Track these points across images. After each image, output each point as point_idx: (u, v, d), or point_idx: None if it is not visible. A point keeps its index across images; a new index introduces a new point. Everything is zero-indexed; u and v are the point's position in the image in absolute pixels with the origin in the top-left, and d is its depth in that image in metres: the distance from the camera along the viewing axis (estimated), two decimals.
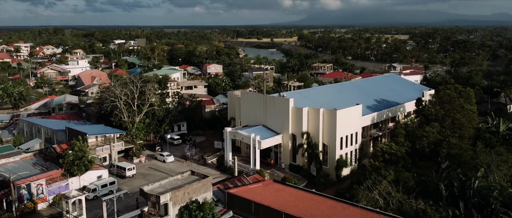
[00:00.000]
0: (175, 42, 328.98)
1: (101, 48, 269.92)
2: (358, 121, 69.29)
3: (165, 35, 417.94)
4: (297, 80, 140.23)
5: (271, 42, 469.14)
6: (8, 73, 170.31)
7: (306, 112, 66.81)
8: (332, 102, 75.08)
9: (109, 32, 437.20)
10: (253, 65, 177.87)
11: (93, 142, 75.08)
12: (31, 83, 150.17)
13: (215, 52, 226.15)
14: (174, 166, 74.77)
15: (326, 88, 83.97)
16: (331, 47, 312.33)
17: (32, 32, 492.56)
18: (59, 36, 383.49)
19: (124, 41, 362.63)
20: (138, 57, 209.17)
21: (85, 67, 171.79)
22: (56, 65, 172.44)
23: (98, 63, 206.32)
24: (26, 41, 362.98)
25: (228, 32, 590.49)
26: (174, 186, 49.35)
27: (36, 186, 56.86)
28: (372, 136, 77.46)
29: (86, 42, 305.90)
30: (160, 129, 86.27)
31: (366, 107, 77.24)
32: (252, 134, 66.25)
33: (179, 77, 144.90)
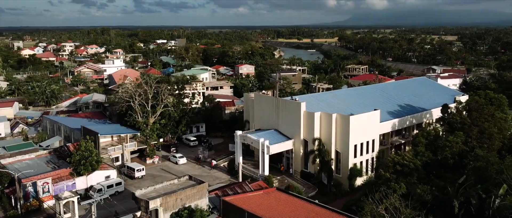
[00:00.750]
0: (213, 42, 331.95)
1: (141, 48, 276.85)
2: (375, 128, 65.05)
3: (205, 35, 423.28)
4: (326, 82, 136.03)
5: (311, 43, 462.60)
6: (49, 72, 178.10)
7: (318, 116, 63.55)
8: (350, 107, 71.26)
9: (152, 32, 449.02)
10: (284, 67, 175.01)
11: (109, 141, 75.77)
12: (68, 81, 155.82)
13: (250, 52, 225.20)
14: (186, 168, 73.82)
15: (346, 92, 79.96)
16: (371, 48, 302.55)
17: (82, 33, 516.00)
18: (105, 36, 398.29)
19: (165, 41, 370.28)
20: (173, 57, 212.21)
21: (120, 67, 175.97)
22: (93, 64, 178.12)
23: (135, 62, 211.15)
24: (75, 41, 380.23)
25: (269, 32, 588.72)
26: (168, 191, 48.10)
27: (42, 184, 57.54)
28: (393, 144, 72.68)
29: (128, 42, 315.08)
30: (177, 130, 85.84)
31: (387, 112, 72.66)
32: (261, 138, 63.88)
33: (208, 78, 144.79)
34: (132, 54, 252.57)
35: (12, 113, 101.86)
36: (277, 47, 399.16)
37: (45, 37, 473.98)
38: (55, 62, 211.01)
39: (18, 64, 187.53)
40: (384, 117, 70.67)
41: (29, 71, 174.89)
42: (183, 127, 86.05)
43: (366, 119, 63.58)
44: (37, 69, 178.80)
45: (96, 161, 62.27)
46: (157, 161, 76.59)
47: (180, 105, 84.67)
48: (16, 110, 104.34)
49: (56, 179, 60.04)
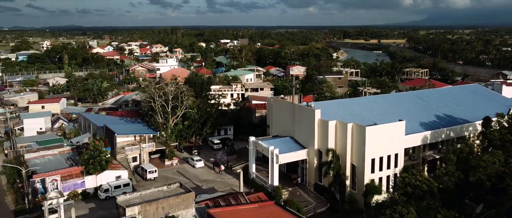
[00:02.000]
0: (274, 43, 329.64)
1: (202, 47, 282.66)
2: (399, 140, 58.07)
3: (268, 35, 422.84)
4: (375, 86, 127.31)
5: (378, 44, 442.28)
6: (109, 69, 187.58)
7: (333, 125, 58.17)
8: (376, 116, 64.77)
9: (217, 32, 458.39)
10: (335, 68, 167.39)
11: (131, 141, 76.27)
12: (122, 79, 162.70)
13: (306, 53, 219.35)
14: (201, 172, 72.15)
15: (376, 99, 72.86)
16: (441, 50, 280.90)
17: (154, 32, 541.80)
18: (172, 36, 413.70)
19: (229, 41, 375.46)
20: (227, 57, 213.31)
21: (173, 66, 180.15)
22: (147, 63, 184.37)
23: (192, 61, 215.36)
24: (144, 40, 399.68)
25: (335, 32, 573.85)
26: (154, 198, 46.30)
27: (51, 181, 58.84)
28: (426, 159, 64.73)
29: (190, 41, 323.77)
30: (201, 132, 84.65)
31: (419, 123, 64.95)
32: (271, 146, 60.01)
33: (252, 79, 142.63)
34: (191, 53, 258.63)
35: (58, 108, 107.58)
36: (340, 48, 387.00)
37: (122, 37, 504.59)
38: (118, 60, 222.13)
39: (82, 62, 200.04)
40: (414, 128, 63.29)
41: (91, 68, 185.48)
42: (208, 129, 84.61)
43: (387, 130, 56.95)
44: (99, 67, 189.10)
45: (105, 161, 62.62)
46: (175, 163, 75.79)
47: (205, 107, 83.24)
48: (62, 105, 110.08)
49: (66, 176, 61.26)
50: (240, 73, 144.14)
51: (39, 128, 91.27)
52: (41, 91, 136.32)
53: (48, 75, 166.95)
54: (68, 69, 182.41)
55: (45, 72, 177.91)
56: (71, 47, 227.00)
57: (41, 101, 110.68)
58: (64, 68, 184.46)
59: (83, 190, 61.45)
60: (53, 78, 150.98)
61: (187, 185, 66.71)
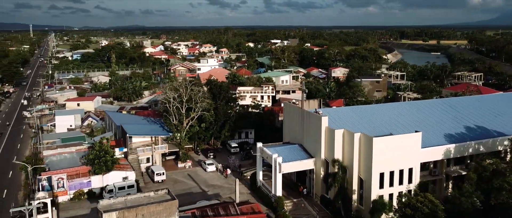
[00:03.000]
0: (324, 43, 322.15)
1: (249, 47, 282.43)
2: (414, 154, 52.45)
3: (320, 35, 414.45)
4: (415, 91, 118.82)
5: (437, 45, 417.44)
6: (153, 69, 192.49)
7: (340, 134, 53.81)
8: (395, 125, 59.35)
9: (268, 32, 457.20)
10: (379, 71, 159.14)
11: (148, 141, 76.27)
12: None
13: (353, 54, 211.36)
14: (211, 177, 70.47)
15: (400, 106, 66.63)
16: (506, 52, 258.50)
17: (208, 32, 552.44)
18: (223, 36, 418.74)
19: (279, 41, 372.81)
20: (269, 57, 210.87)
21: (214, 66, 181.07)
22: (188, 63, 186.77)
23: (237, 62, 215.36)
24: (197, 40, 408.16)
25: (392, 33, 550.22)
26: (137, 204, 45.03)
27: (57, 179, 59.96)
28: (450, 175, 58.15)
29: (239, 41, 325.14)
30: (220, 135, 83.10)
31: (444, 135, 58.48)
32: (275, 153, 56.79)
33: (288, 80, 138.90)
34: (237, 53, 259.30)
35: (92, 106, 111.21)
36: (395, 49, 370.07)
37: (178, 36, 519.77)
38: (166, 60, 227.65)
39: (129, 61, 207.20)
40: (436, 140, 57.07)
41: (136, 67, 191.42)
42: (226, 132, 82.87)
43: (399, 142, 51.56)
44: (144, 66, 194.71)
45: (112, 162, 62.79)
46: (189, 165, 74.78)
47: (224, 110, 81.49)
48: (97, 103, 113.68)
49: (73, 175, 62.16)
50: (276, 75, 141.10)
51: (69, 125, 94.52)
52: (84, 89, 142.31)
53: (95, 74, 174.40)
54: (115, 68, 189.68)
55: (94, 70, 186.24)
56: (120, 47, 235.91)
57: (77, 99, 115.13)
58: (112, 66, 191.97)
59: (89, 189, 62.01)
60: (97, 77, 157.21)
61: (193, 190, 65.94)
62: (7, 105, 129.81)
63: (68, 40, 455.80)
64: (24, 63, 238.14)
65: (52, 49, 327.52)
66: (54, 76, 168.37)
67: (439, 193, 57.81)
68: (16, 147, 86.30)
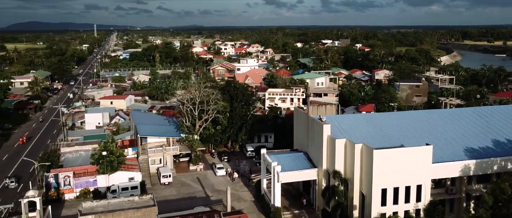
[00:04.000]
0: (375, 44, 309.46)
1: (296, 47, 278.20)
2: (423, 169, 47.17)
3: (374, 35, 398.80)
4: (460, 97, 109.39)
5: (503, 46, 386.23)
6: (194, 68, 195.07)
7: (342, 145, 49.79)
8: (409, 136, 54.14)
9: (320, 32, 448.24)
10: (427, 73, 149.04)
11: (163, 142, 76.19)
12: None
13: (402, 54, 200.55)
14: (220, 181, 68.79)
15: (420, 115, 60.42)
16: None
17: (260, 32, 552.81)
18: (272, 36, 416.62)
19: (330, 41, 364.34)
20: (311, 58, 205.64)
21: (254, 66, 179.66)
22: (227, 63, 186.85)
23: (278, 62, 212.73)
24: (247, 40, 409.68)
25: (454, 33, 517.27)
26: (119, 208, 44.39)
27: (64, 177, 61.24)
28: (471, 194, 51.82)
29: (287, 41, 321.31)
30: (236, 138, 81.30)
31: (465, 149, 52.21)
32: (275, 161, 53.85)
33: (323, 83, 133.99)
34: (283, 54, 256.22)
35: (124, 105, 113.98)
36: (454, 50, 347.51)
37: (231, 36, 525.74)
38: (209, 59, 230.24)
39: (173, 60, 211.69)
40: (455, 154, 51.12)
41: (178, 67, 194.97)
42: (243, 135, 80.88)
43: (405, 155, 46.61)
44: (187, 66, 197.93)
45: (118, 162, 63.09)
46: (200, 168, 73.68)
47: (240, 113, 79.55)
48: (129, 102, 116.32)
49: (81, 173, 63.20)
50: (311, 77, 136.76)
51: (97, 123, 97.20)
52: (124, 87, 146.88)
53: (140, 72, 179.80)
54: (158, 67, 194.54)
55: (139, 69, 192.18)
56: (169, 47, 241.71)
57: (110, 97, 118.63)
58: (155, 65, 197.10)
59: (95, 188, 62.74)
60: (138, 75, 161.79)
61: (197, 194, 64.59)
62: (52, 102, 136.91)
63: (127, 39, 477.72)
64: (80, 61, 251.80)
65: (109, 48, 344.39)
66: (99, 74, 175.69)
67: (457, 213, 51.95)
68: (46, 143, 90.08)
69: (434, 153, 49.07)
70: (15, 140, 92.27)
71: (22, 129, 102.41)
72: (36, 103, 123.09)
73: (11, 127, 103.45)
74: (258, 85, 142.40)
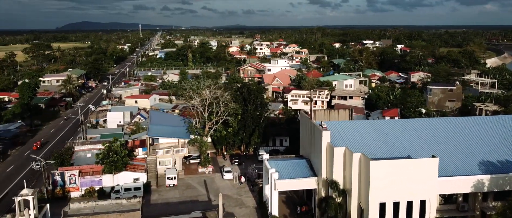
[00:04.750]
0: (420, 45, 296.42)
1: (332, 48, 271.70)
2: (428, 183, 43.16)
3: (418, 36, 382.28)
4: (497, 102, 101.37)
5: None
6: (226, 68, 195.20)
7: (340, 153, 46.72)
8: (417, 146, 50.00)
9: (361, 32, 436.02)
10: (468, 76, 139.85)
11: (175, 143, 75.73)
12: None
13: (442, 56, 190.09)
14: (226, 185, 67.29)
15: (434, 123, 55.50)
16: None
17: (301, 32, 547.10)
18: (311, 36, 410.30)
19: (371, 41, 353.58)
20: (346, 59, 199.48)
21: (284, 67, 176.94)
22: (258, 63, 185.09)
23: (313, 63, 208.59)
24: (286, 40, 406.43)
25: (507, 33, 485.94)
26: (104, 211, 43.90)
27: (69, 176, 62.09)
28: (486, 213, 46.96)
29: (326, 41, 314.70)
30: (249, 141, 79.53)
31: (480, 163, 47.40)
32: (273, 168, 51.55)
33: (352, 85, 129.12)
34: (319, 54, 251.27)
35: (148, 104, 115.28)
36: (505, 51, 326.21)
37: (271, 36, 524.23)
38: (242, 59, 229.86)
39: (206, 60, 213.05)
40: (469, 168, 46.52)
41: (210, 66, 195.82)
42: (256, 138, 78.98)
43: (407, 167, 42.82)
44: (218, 66, 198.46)
45: (123, 163, 63.19)
46: (209, 171, 72.55)
47: (253, 115, 77.70)
48: (153, 101, 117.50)
49: (87, 172, 63.84)
50: (340, 78, 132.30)
51: (118, 121, 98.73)
52: (153, 86, 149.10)
53: (171, 72, 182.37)
54: (191, 66, 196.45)
55: (172, 68, 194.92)
56: (201, 46, 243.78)
57: (135, 96, 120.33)
58: (188, 65, 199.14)
59: (100, 187, 63.15)
60: (168, 75, 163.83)
61: (200, 198, 63.39)
62: (84, 99, 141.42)
63: (169, 39, 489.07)
64: (120, 60, 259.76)
65: (149, 48, 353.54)
66: (131, 73, 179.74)
67: None
68: (68, 139, 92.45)
69: (445, 165, 45.01)
70: (30, 144, 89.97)
71: (44, 130, 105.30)
72: (67, 101, 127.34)
73: (40, 123, 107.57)
74: (286, 87, 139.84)
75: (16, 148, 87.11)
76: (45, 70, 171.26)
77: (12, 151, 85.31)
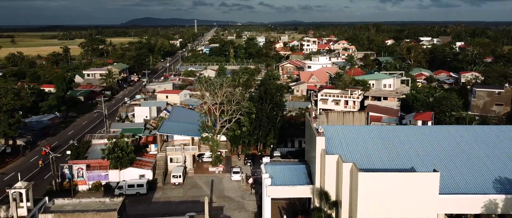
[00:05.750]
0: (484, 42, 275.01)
1: (383, 45, 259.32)
2: (427, 201, 38.19)
3: (482, 32, 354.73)
4: None
5: None
6: (267, 64, 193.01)
7: (333, 161, 42.87)
8: (427, 157, 44.78)
9: (418, 28, 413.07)
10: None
11: (188, 140, 74.93)
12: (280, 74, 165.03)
13: (501, 55, 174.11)
14: (232, 186, 65.35)
15: (451, 131, 49.08)
16: None
17: (355, 28, 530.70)
18: (364, 32, 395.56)
19: (429, 38, 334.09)
20: (394, 57, 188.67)
21: (325, 64, 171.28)
22: (298, 60, 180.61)
23: (356, 60, 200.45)
24: (337, 36, 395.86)
25: None
26: (85, 209, 43.58)
27: (77, 169, 63.16)
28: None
29: (377, 37, 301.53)
30: (265, 141, 76.91)
31: (496, 180, 41.32)
32: (266, 173, 48.70)
33: (392, 85, 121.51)
34: (367, 51, 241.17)
35: (178, 99, 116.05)
36: None
37: (325, 32, 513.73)
38: (287, 56, 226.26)
39: (249, 56, 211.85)
40: (481, 185, 40.75)
41: (251, 62, 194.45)
42: (271, 139, 76.17)
43: (402, 182, 38.13)
44: (260, 62, 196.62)
45: (128, 159, 63.22)
46: (220, 170, 70.90)
47: (268, 115, 74.94)
48: (183, 97, 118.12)
49: (95, 167, 64.58)
50: (378, 77, 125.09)
51: (145, 116, 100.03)
52: (190, 81, 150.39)
53: (212, 67, 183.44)
54: (232, 62, 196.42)
55: (214, 64, 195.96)
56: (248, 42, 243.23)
57: (166, 91, 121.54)
58: (230, 60, 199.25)
59: (107, 182, 63.67)
60: (206, 70, 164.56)
61: (202, 199, 61.10)
62: (124, 93, 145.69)
63: (222, 34, 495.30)
64: (168, 55, 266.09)
65: (198, 43, 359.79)
66: (174, 68, 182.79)
67: None
68: (96, 131, 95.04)
69: (453, 181, 39.79)
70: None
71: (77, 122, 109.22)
72: (104, 94, 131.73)
73: (75, 115, 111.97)
74: (324, 85, 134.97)
75: (46, 139, 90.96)
76: (93, 64, 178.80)
77: (41, 142, 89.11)
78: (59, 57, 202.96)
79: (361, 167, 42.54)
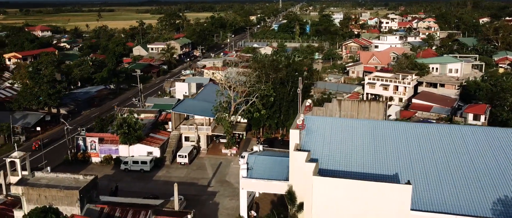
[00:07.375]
0: None
1: (474, 24, 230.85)
2: (396, 216, 31.97)
3: None
4: None
5: None
6: (331, 43, 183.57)
7: (302, 159, 37.89)
8: (415, 161, 37.78)
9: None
10: None
11: (206, 120, 73.45)
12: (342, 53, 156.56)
13: None
14: (235, 171, 62.05)
15: (464, 132, 40.02)
16: None
17: (452, 4, 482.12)
18: (458, 9, 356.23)
19: None
20: (476, 38, 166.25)
21: (394, 44, 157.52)
22: (364, 39, 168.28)
23: (435, 41, 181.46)
24: (427, 13, 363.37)
25: None
26: (57, 184, 44.46)
27: (90, 142, 65.38)
28: None
29: (468, 16, 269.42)
30: (285, 126, 72.73)
31: (498, 200, 33.14)
32: (244, 163, 45.33)
33: (459, 70, 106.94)
34: (453, 30, 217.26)
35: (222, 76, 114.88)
36: None
37: (411, 8, 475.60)
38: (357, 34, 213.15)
39: (315, 33, 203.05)
40: (478, 205, 33.16)
41: (317, 40, 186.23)
42: None
43: (364, 191, 32.25)
44: (324, 40, 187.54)
45: (136, 136, 63.74)
46: (233, 153, 68.75)
47: (287, 98, 70.46)
48: (229, 74, 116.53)
49: (108, 140, 66.27)
50: (443, 61, 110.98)
51: (184, 92, 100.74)
52: (246, 58, 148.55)
53: (272, 44, 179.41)
54: (297, 39, 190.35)
55: (278, 41, 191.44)
56: (322, 18, 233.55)
57: (212, 68, 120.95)
58: (295, 38, 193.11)
59: (117, 156, 65.07)
60: (264, 48, 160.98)
61: (200, 182, 60.24)
62: (183, 67, 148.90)
63: (306, 10, 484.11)
64: (241, 30, 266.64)
65: (277, 19, 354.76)
66: (234, 44, 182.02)
67: None
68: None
69: (440, 196, 32.95)
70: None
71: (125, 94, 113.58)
72: (160, 68, 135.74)
73: (127, 87, 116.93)
74: (385, 67, 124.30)
75: (90, 109, 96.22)
76: (161, 38, 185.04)
77: (85, 111, 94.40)
78: (134, 31, 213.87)
79: (336, 168, 37.27)
